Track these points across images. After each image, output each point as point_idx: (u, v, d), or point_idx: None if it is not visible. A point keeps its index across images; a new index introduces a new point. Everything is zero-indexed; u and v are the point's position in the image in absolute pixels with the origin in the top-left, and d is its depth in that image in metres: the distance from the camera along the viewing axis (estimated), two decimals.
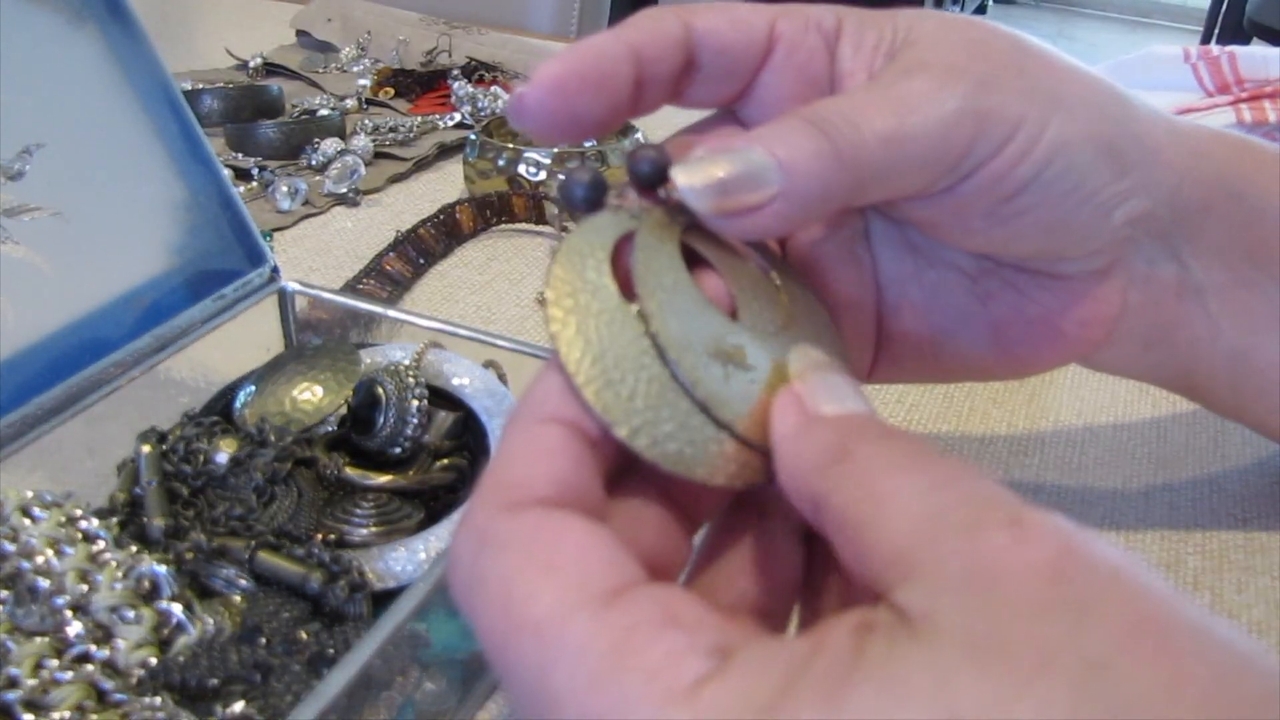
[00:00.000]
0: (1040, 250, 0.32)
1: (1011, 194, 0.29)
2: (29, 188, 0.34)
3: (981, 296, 0.34)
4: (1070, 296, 0.33)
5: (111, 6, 0.37)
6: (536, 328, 0.54)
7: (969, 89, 0.28)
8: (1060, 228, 0.31)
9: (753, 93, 0.31)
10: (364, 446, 0.37)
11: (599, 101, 0.27)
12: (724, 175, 0.25)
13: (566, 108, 0.27)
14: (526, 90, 0.27)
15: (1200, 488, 0.44)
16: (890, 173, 0.27)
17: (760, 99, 0.30)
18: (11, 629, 0.28)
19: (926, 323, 0.34)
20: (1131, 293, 0.33)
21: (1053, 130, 0.29)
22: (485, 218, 0.63)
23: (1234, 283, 0.34)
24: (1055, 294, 0.33)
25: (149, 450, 0.34)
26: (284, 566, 0.31)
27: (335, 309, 0.42)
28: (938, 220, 0.31)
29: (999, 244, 0.31)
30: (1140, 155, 0.31)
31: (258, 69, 0.89)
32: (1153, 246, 0.33)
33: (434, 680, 0.31)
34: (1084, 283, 0.33)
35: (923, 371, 0.35)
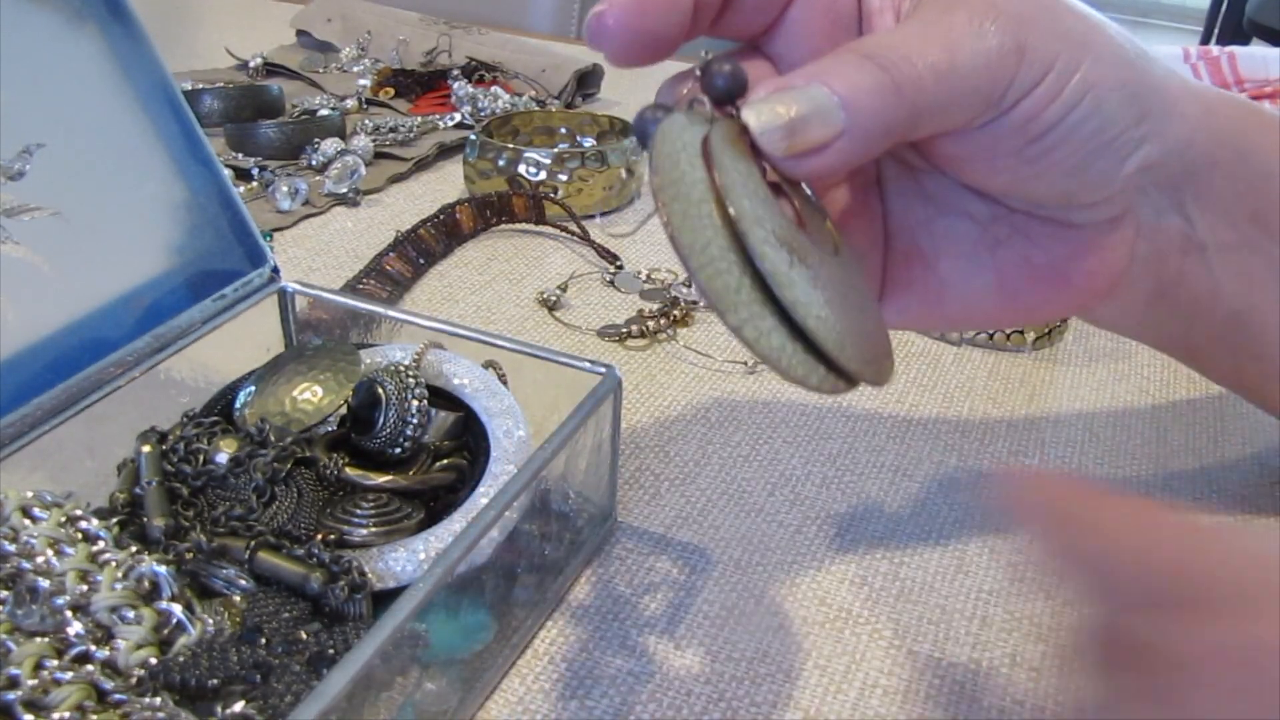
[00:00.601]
0: (1058, 194, 0.32)
1: (1041, 133, 0.30)
2: (29, 188, 0.34)
3: (990, 244, 0.34)
4: (1079, 246, 0.33)
5: (111, 6, 0.37)
6: (536, 328, 0.54)
7: (1009, 24, 0.28)
8: (1080, 170, 0.31)
9: (780, 27, 0.31)
10: (364, 446, 0.37)
11: (668, 21, 0.28)
12: (792, 115, 0.26)
13: (643, 25, 0.28)
14: (606, 10, 0.28)
15: (1200, 488, 0.44)
16: (943, 106, 0.28)
17: (788, 34, 0.31)
18: (11, 629, 0.28)
19: (934, 270, 0.35)
20: (1139, 245, 0.34)
21: (1083, 72, 0.29)
22: (485, 218, 0.63)
23: (1236, 243, 0.35)
24: (1065, 243, 0.33)
25: (149, 450, 0.34)
26: (284, 566, 0.31)
27: (335, 309, 0.42)
28: (969, 157, 0.31)
29: (1022, 184, 0.32)
30: (1158, 104, 0.32)
31: (258, 69, 0.89)
32: (1161, 198, 0.33)
33: (434, 680, 0.31)
34: (1094, 232, 0.33)
35: (927, 318, 0.36)
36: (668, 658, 0.35)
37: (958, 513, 0.42)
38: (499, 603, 0.34)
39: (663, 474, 0.43)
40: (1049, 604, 0.38)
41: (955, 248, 0.34)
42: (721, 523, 0.41)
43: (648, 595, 0.37)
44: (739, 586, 0.38)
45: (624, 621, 0.36)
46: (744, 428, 0.47)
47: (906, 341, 0.54)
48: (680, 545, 0.40)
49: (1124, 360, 0.53)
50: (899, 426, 0.47)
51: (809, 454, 0.45)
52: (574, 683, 0.34)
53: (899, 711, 0.33)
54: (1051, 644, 0.36)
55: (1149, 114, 0.31)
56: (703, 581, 0.38)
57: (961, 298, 0.35)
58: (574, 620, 0.36)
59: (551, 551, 0.37)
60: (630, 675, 0.34)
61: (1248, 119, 0.35)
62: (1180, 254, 0.34)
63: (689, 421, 0.47)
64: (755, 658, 0.35)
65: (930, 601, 0.38)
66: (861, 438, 0.46)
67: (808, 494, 0.43)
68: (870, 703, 0.34)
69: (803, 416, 0.48)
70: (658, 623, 0.36)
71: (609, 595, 0.37)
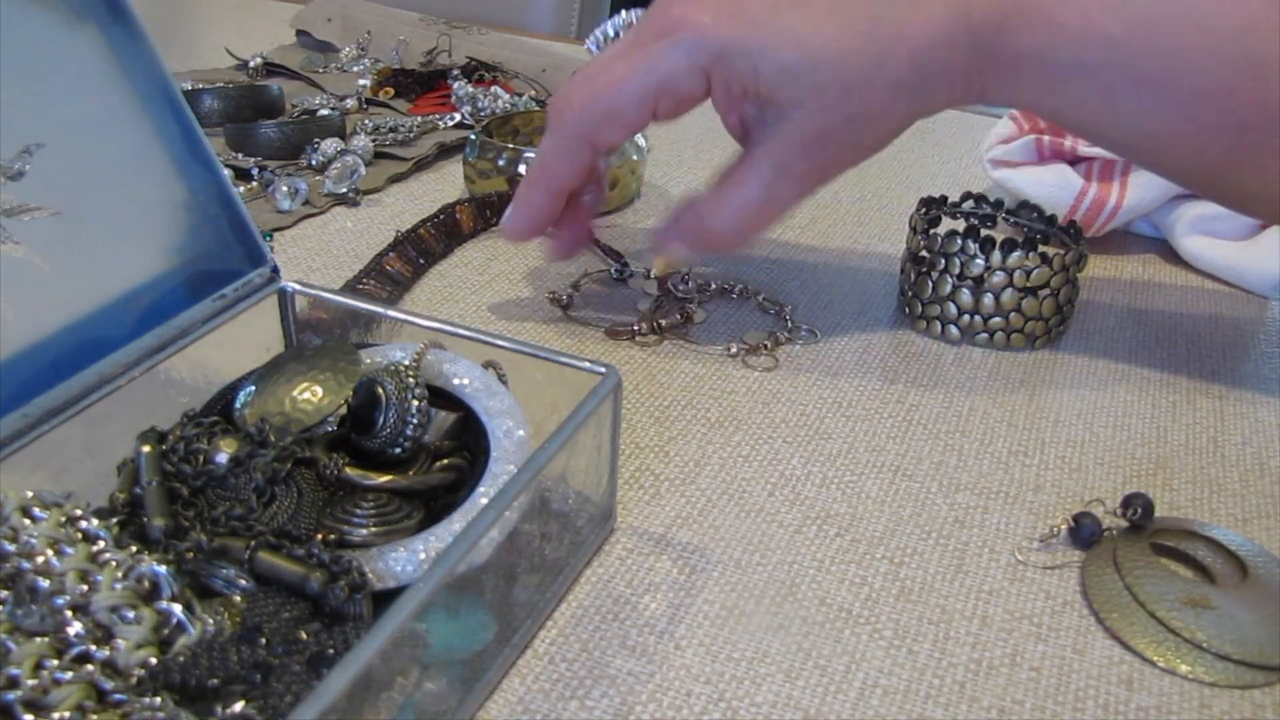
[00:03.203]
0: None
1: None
2: (29, 188, 0.34)
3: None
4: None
5: (111, 6, 0.37)
6: (536, 328, 0.54)
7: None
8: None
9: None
10: (364, 446, 0.37)
11: (549, 221, 0.50)
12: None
13: (534, 234, 0.51)
14: (507, 234, 0.51)
15: (1200, 487, 0.44)
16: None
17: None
18: (11, 629, 0.28)
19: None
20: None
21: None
22: (485, 218, 0.63)
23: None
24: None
25: (149, 450, 0.34)
26: (284, 566, 0.31)
27: (335, 309, 0.42)
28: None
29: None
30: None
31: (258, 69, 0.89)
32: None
33: (434, 680, 0.31)
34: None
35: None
36: (668, 658, 0.35)
37: (958, 513, 0.42)
38: (499, 603, 0.34)
39: (663, 474, 0.43)
40: (1049, 604, 0.38)
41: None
42: (721, 523, 0.41)
43: (648, 595, 0.37)
44: (739, 586, 0.38)
45: (624, 621, 0.36)
46: (744, 428, 0.47)
47: (906, 341, 0.54)
48: (680, 545, 0.40)
49: (1124, 360, 0.53)
50: (899, 426, 0.47)
51: (809, 454, 0.45)
52: (574, 683, 0.34)
53: (899, 711, 0.33)
54: (1051, 644, 0.36)
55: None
56: (703, 581, 0.38)
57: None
58: (574, 620, 0.36)
59: (551, 551, 0.37)
60: (630, 675, 0.34)
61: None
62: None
63: (689, 421, 0.47)
64: (755, 658, 0.35)
65: (930, 601, 0.38)
66: (861, 438, 0.46)
67: (808, 494, 0.43)
68: (870, 703, 0.34)
69: (803, 416, 0.48)
70: (658, 623, 0.36)
71: (609, 595, 0.37)
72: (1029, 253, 0.51)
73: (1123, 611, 0.37)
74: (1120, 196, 0.62)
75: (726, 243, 0.48)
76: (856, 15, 0.44)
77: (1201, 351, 0.54)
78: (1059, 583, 0.39)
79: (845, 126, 0.45)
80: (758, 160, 0.46)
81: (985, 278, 0.52)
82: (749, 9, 0.44)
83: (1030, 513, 0.42)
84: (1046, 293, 0.52)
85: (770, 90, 0.44)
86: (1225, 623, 0.36)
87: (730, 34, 0.44)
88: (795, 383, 0.50)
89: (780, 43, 0.43)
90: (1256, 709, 0.34)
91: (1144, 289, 0.61)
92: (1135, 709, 0.34)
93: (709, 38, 0.44)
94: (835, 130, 0.45)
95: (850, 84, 0.44)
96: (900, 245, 0.64)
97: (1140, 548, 0.39)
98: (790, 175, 0.46)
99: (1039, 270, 0.51)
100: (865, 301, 0.58)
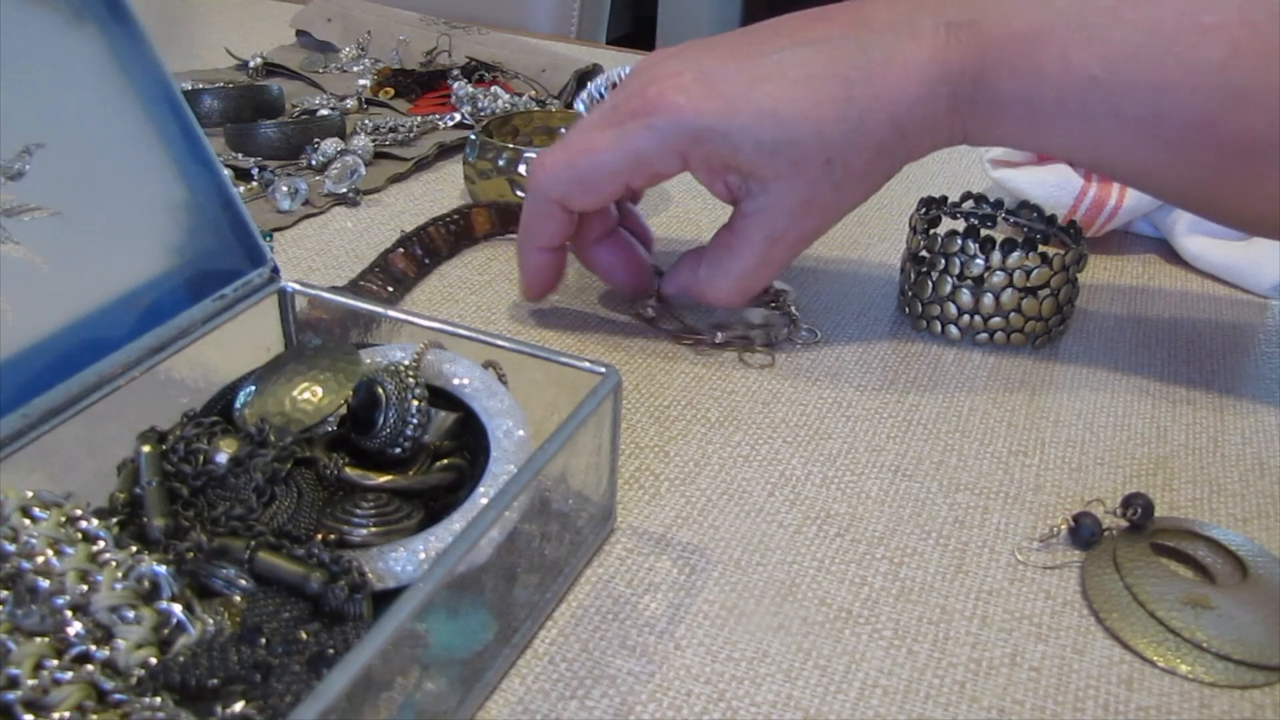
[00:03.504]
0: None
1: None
2: (29, 188, 0.34)
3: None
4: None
5: (111, 6, 0.37)
6: (536, 328, 0.54)
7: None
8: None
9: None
10: (364, 446, 0.37)
11: (554, 273, 0.53)
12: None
13: (547, 289, 0.53)
14: (526, 296, 0.54)
15: (1200, 487, 0.44)
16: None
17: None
18: (11, 629, 0.28)
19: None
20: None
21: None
22: (503, 223, 0.62)
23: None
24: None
25: (149, 450, 0.34)
26: (284, 566, 0.31)
27: (335, 309, 0.42)
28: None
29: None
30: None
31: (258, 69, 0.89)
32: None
33: (434, 680, 0.31)
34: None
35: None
36: (668, 658, 0.35)
37: (958, 513, 0.42)
38: (499, 603, 0.34)
39: (663, 474, 0.43)
40: (1049, 604, 0.38)
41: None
42: (721, 523, 0.41)
43: (648, 595, 0.37)
44: (739, 586, 0.38)
45: (624, 621, 0.36)
46: (744, 428, 0.47)
47: (906, 341, 0.54)
48: (680, 545, 0.40)
49: (1124, 360, 0.53)
50: (899, 426, 0.47)
51: (809, 454, 0.45)
52: (574, 683, 0.34)
53: (899, 711, 0.33)
54: (1051, 644, 0.36)
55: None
56: (703, 581, 0.38)
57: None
58: (574, 620, 0.36)
59: (551, 551, 0.37)
60: (630, 675, 0.34)
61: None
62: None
63: (689, 421, 0.47)
64: (755, 658, 0.35)
65: (930, 601, 0.38)
66: (861, 438, 0.46)
67: (808, 494, 0.43)
68: (870, 703, 0.34)
69: (803, 416, 0.48)
70: (658, 623, 0.36)
71: (609, 595, 0.37)
72: (1029, 253, 0.51)
73: (1123, 611, 0.37)
74: (1120, 196, 0.62)
75: (726, 304, 0.51)
76: (830, 80, 0.44)
77: (1201, 351, 0.54)
78: (1059, 583, 0.39)
79: (830, 193, 0.46)
80: (749, 231, 0.48)
81: (985, 278, 0.52)
82: (723, 86, 0.44)
83: (1030, 513, 0.42)
84: (1046, 293, 0.52)
85: (751, 166, 0.45)
86: (1225, 623, 0.36)
87: (706, 115, 0.44)
88: (795, 383, 0.50)
89: (757, 121, 0.44)
90: (1256, 709, 0.34)
91: (1144, 289, 0.61)
92: (1135, 709, 0.34)
93: (684, 121, 0.44)
94: (820, 197, 0.46)
95: (832, 155, 0.44)
96: (900, 245, 0.64)
97: (1140, 548, 0.39)
98: (782, 243, 0.48)
99: (1039, 270, 0.51)
100: (865, 301, 0.58)
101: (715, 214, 0.68)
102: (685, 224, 0.66)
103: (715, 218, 0.67)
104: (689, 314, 0.55)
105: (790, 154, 0.44)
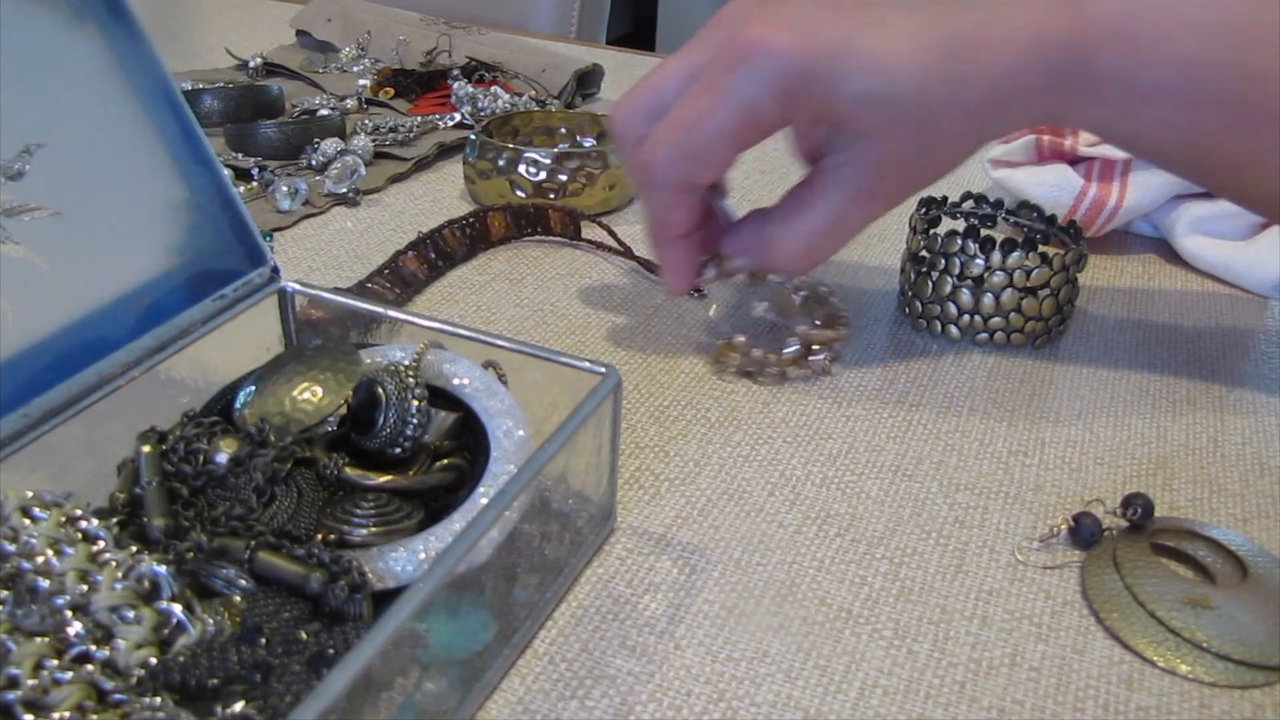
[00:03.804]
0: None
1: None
2: (29, 188, 0.34)
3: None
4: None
5: (111, 6, 0.37)
6: (536, 328, 0.54)
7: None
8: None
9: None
10: (364, 446, 0.37)
11: (696, 259, 0.50)
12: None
13: (694, 278, 0.50)
14: (674, 293, 0.55)
15: (1200, 487, 0.44)
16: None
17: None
18: (11, 629, 0.28)
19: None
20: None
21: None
22: (519, 226, 0.62)
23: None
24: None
25: (149, 450, 0.34)
26: (284, 566, 0.31)
27: (335, 309, 0.42)
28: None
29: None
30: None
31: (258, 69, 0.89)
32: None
33: (434, 680, 0.31)
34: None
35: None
36: (668, 658, 0.35)
37: (958, 513, 0.42)
38: (499, 603, 0.34)
39: (663, 474, 0.43)
40: (1049, 604, 0.38)
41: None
42: (721, 523, 0.41)
43: (648, 595, 0.37)
44: (739, 586, 0.38)
45: (624, 621, 0.36)
46: (744, 428, 0.47)
47: (906, 341, 0.54)
48: (680, 545, 0.40)
49: (1124, 360, 0.53)
50: (899, 426, 0.47)
51: (809, 454, 0.45)
52: (574, 683, 0.34)
53: (899, 711, 0.33)
54: (1051, 644, 0.36)
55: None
56: (703, 581, 0.38)
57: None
58: (574, 620, 0.36)
59: (551, 551, 0.37)
60: (630, 675, 0.34)
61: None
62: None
63: (689, 421, 0.47)
64: (755, 658, 0.35)
65: (930, 601, 0.38)
66: (861, 438, 0.46)
67: (808, 494, 0.43)
68: (870, 703, 0.34)
69: (803, 416, 0.48)
70: (658, 623, 0.36)
71: (609, 595, 0.37)
72: (1029, 253, 0.51)
73: (1123, 611, 0.37)
74: (1120, 197, 0.62)
75: (791, 267, 0.47)
76: (933, 40, 0.42)
77: (1201, 351, 0.54)
78: (1059, 583, 0.39)
79: (919, 154, 0.44)
80: (828, 187, 0.45)
81: (985, 278, 0.52)
82: (824, 33, 0.42)
83: (1030, 513, 0.42)
84: (1046, 293, 0.52)
85: (845, 117, 0.43)
86: (1225, 623, 0.36)
87: (808, 58, 0.42)
88: (795, 383, 0.50)
89: (858, 71, 0.42)
90: (1256, 709, 0.34)
91: (1144, 289, 0.61)
92: (1135, 709, 0.34)
93: (787, 64, 0.42)
94: (909, 158, 0.44)
95: (928, 115, 0.43)
96: (900, 245, 0.64)
97: (1140, 548, 0.39)
98: (860, 203, 0.45)
99: (1039, 270, 0.51)
100: (865, 301, 0.58)
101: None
102: None
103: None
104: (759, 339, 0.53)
105: (888, 109, 0.42)
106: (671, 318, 0.55)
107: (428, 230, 0.58)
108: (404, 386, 0.36)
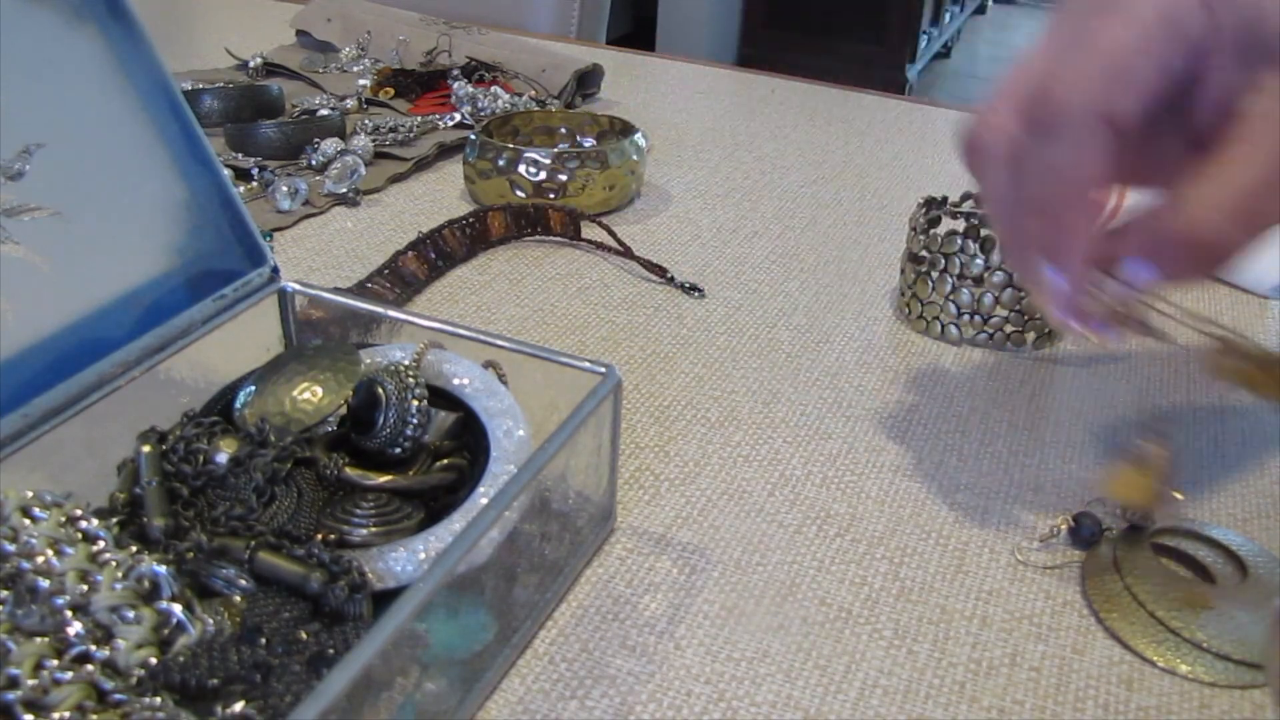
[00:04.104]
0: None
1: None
2: (29, 188, 0.34)
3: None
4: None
5: (111, 6, 0.37)
6: (536, 328, 0.54)
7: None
8: None
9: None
10: (364, 446, 0.37)
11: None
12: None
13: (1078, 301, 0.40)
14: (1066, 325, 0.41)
15: (1200, 488, 0.44)
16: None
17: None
18: (11, 629, 0.28)
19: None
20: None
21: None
22: (519, 226, 0.62)
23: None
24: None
25: (149, 450, 0.34)
26: (284, 566, 0.31)
27: (335, 309, 0.42)
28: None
29: None
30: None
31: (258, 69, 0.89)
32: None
33: (434, 680, 0.31)
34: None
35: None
36: (668, 658, 0.35)
37: (958, 513, 0.42)
38: (499, 603, 0.34)
39: (663, 474, 0.43)
40: (1049, 604, 0.38)
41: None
42: (721, 523, 0.41)
43: (648, 595, 0.37)
44: (739, 586, 0.38)
45: (624, 621, 0.36)
46: (744, 428, 0.47)
47: (907, 341, 0.54)
48: (680, 545, 0.40)
49: (1124, 360, 0.53)
50: (899, 426, 0.47)
51: (809, 454, 0.45)
52: (574, 683, 0.34)
53: (899, 711, 0.33)
54: (1051, 644, 0.36)
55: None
56: (703, 581, 0.38)
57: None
58: (574, 620, 0.36)
59: (551, 551, 0.37)
60: (630, 675, 0.34)
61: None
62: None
63: (689, 421, 0.47)
64: (755, 658, 0.35)
65: (930, 601, 0.38)
66: (861, 438, 0.46)
67: (808, 494, 0.43)
68: (870, 703, 0.34)
69: (803, 416, 0.48)
70: (658, 623, 0.36)
71: (609, 595, 0.37)
72: None
73: (1123, 611, 0.37)
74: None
75: (1216, 239, 0.35)
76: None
77: (1201, 352, 0.54)
78: (1059, 583, 0.39)
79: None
80: (1254, 129, 0.35)
81: (985, 278, 0.52)
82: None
83: (1030, 513, 0.42)
84: None
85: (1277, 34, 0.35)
86: (1225, 623, 0.36)
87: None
88: (795, 383, 0.50)
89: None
90: (1256, 709, 0.34)
91: None
92: (1135, 709, 0.34)
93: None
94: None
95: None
96: (900, 245, 0.64)
97: (1140, 548, 0.39)
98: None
99: None
100: (865, 301, 0.58)
101: (716, 214, 0.68)
102: (685, 224, 0.66)
103: (716, 218, 0.67)
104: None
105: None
106: (671, 318, 0.55)
107: (428, 230, 0.58)
108: (404, 386, 0.36)
